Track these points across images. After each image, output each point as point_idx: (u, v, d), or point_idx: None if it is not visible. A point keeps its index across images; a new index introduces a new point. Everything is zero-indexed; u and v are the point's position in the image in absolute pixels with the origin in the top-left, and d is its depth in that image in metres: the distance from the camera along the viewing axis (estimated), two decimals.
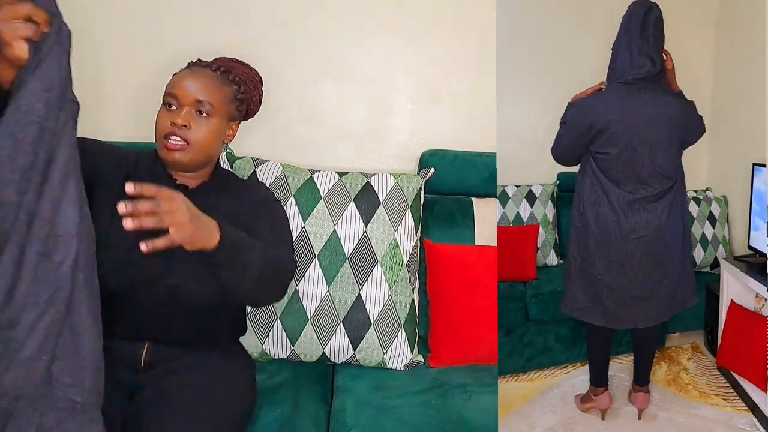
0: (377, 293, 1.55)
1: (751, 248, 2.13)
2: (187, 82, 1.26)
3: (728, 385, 1.96)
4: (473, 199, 1.81)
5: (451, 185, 1.82)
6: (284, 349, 1.53)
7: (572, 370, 2.06)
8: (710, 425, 1.78)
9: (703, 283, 2.24)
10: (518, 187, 2.30)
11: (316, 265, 1.54)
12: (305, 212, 1.57)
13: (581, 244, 1.63)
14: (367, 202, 1.60)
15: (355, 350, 1.53)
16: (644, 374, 1.79)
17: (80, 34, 1.85)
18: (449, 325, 1.61)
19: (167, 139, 1.23)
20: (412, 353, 1.58)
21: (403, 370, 1.56)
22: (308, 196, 1.58)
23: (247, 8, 1.82)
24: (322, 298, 1.53)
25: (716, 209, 2.46)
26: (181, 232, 0.98)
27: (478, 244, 1.74)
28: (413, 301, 1.60)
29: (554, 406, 1.86)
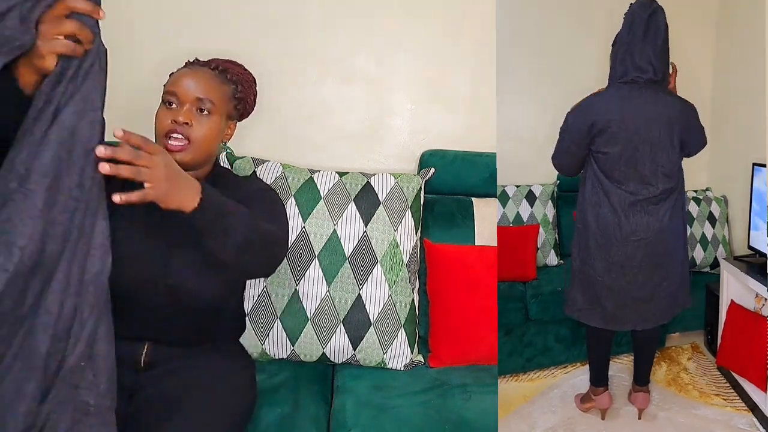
0: (377, 293, 1.55)
1: (751, 248, 2.13)
2: (187, 80, 1.26)
3: (728, 385, 1.96)
4: (473, 199, 1.81)
5: (451, 185, 1.82)
6: (284, 349, 1.53)
7: (572, 370, 2.06)
8: (710, 425, 1.78)
9: (703, 283, 2.25)
10: (518, 187, 2.30)
11: (316, 265, 1.54)
12: (305, 212, 1.57)
13: (581, 245, 1.64)
14: (367, 202, 1.60)
15: (355, 350, 1.53)
16: (644, 374, 1.79)
17: None
18: (449, 325, 1.61)
19: (168, 137, 1.23)
20: (412, 353, 1.58)
21: (403, 370, 1.56)
22: (308, 196, 1.58)
23: (246, 8, 1.81)
24: (322, 298, 1.53)
25: (716, 209, 2.46)
26: (155, 189, 0.97)
27: (478, 244, 1.74)
28: (413, 301, 1.60)
29: (554, 406, 1.86)
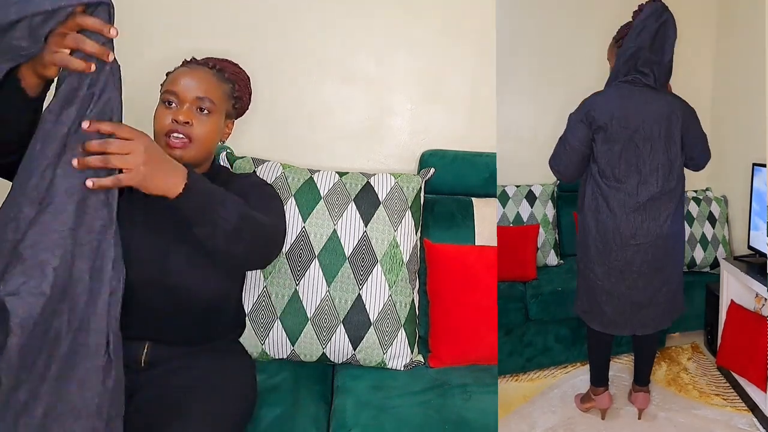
0: (377, 293, 1.55)
1: (751, 248, 2.13)
2: (186, 79, 1.26)
3: (728, 385, 1.96)
4: (473, 199, 1.81)
5: (451, 185, 1.82)
6: (284, 349, 1.53)
7: (572, 370, 2.06)
8: (710, 425, 1.77)
9: (703, 283, 2.25)
10: (518, 187, 2.30)
11: (316, 265, 1.54)
12: (305, 212, 1.57)
13: (582, 250, 1.64)
14: (367, 202, 1.60)
15: (355, 350, 1.53)
16: (644, 374, 1.79)
17: None
18: (449, 325, 1.61)
19: (169, 136, 1.23)
20: (412, 353, 1.58)
21: (403, 370, 1.56)
22: (308, 196, 1.58)
23: (246, 8, 1.82)
24: (322, 298, 1.52)
25: (716, 209, 2.46)
26: (131, 175, 0.95)
27: (478, 244, 1.74)
28: (413, 301, 1.60)
29: (554, 406, 1.86)
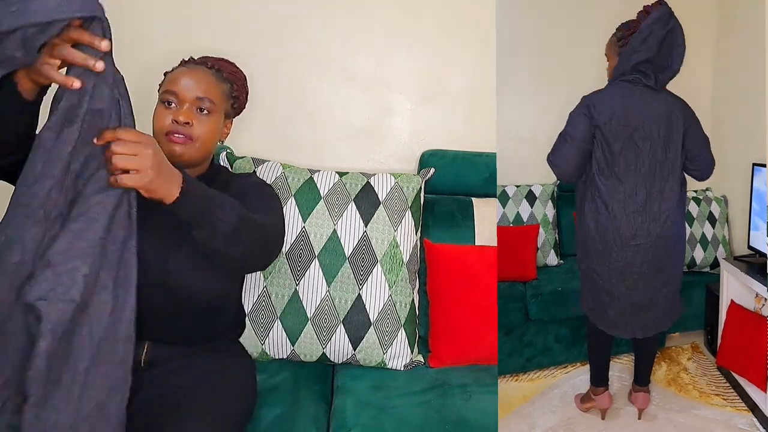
0: (377, 293, 1.55)
1: (751, 248, 2.13)
2: (185, 79, 1.26)
3: (728, 385, 1.96)
4: (473, 199, 1.81)
5: (451, 185, 1.82)
6: (284, 349, 1.53)
7: (572, 370, 2.06)
8: (710, 425, 1.77)
9: (703, 283, 2.24)
10: (518, 187, 2.30)
11: (316, 265, 1.54)
12: (305, 212, 1.57)
13: (583, 250, 1.64)
14: (367, 202, 1.60)
15: (355, 350, 1.53)
16: (644, 374, 1.79)
17: None
18: (449, 325, 1.61)
19: (169, 136, 1.23)
20: (412, 353, 1.58)
21: (403, 370, 1.56)
22: (308, 196, 1.58)
23: (246, 8, 1.82)
24: (322, 298, 1.52)
25: (716, 209, 2.46)
26: (139, 176, 0.93)
27: (478, 244, 1.74)
28: (413, 301, 1.60)
29: (554, 406, 1.86)
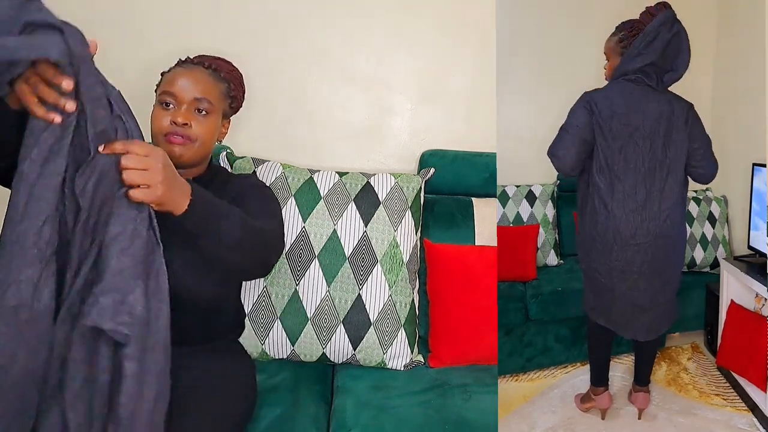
0: (377, 293, 1.55)
1: (751, 248, 2.13)
2: (183, 80, 1.25)
3: (728, 385, 1.96)
4: (473, 199, 1.81)
5: (451, 185, 1.82)
6: (284, 349, 1.53)
7: (572, 370, 2.06)
8: (710, 425, 1.77)
9: (703, 283, 2.24)
10: (518, 187, 2.30)
11: (316, 265, 1.54)
12: (305, 212, 1.57)
13: (584, 249, 1.64)
14: (367, 202, 1.60)
15: (355, 350, 1.53)
16: (645, 374, 1.79)
17: None
18: (449, 325, 1.61)
19: (167, 137, 1.23)
20: (412, 353, 1.58)
21: (403, 370, 1.56)
22: (308, 196, 1.58)
23: (246, 8, 1.82)
24: (322, 298, 1.52)
25: (716, 209, 2.46)
26: (149, 191, 0.91)
27: (478, 244, 1.74)
28: (413, 301, 1.60)
29: (554, 406, 1.86)
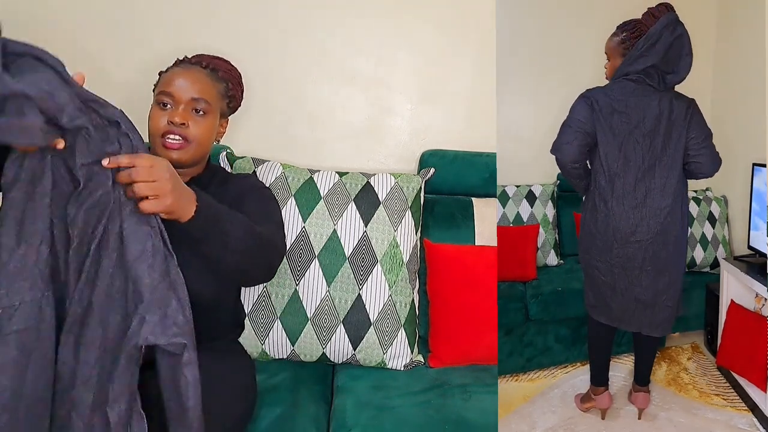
0: (377, 293, 1.55)
1: (751, 248, 2.13)
2: (180, 80, 1.25)
3: (728, 385, 1.96)
4: (473, 199, 1.81)
5: (451, 185, 1.82)
6: (284, 349, 1.53)
7: (572, 370, 2.06)
8: (710, 425, 1.77)
9: (703, 283, 2.24)
10: (518, 187, 2.30)
11: (316, 265, 1.54)
12: (305, 212, 1.57)
13: (585, 247, 1.64)
14: (367, 202, 1.60)
15: (355, 350, 1.53)
16: (645, 374, 1.79)
17: (67, 34, 1.85)
18: (449, 325, 1.61)
19: (165, 138, 1.23)
20: (412, 353, 1.58)
21: (403, 370, 1.56)
22: (308, 196, 1.58)
23: (246, 8, 1.81)
24: (322, 298, 1.52)
25: (716, 209, 2.46)
26: (158, 201, 0.92)
27: (478, 244, 1.74)
28: (413, 301, 1.60)
29: (554, 406, 1.86)
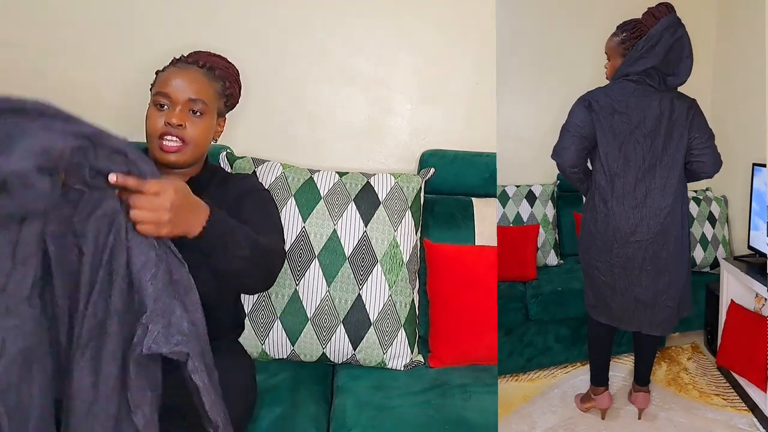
0: (377, 293, 1.55)
1: (751, 248, 2.13)
2: (177, 81, 1.25)
3: (728, 385, 1.96)
4: (473, 199, 1.81)
5: (451, 185, 1.82)
6: (284, 349, 1.53)
7: (572, 370, 2.06)
8: (710, 425, 1.78)
9: (703, 283, 2.24)
10: (518, 187, 2.30)
11: (316, 265, 1.54)
12: (305, 212, 1.57)
13: (585, 247, 1.64)
14: (367, 202, 1.60)
15: (355, 350, 1.53)
16: (645, 374, 1.79)
17: (67, 34, 1.85)
18: (449, 325, 1.61)
19: (162, 139, 1.23)
20: (412, 353, 1.58)
21: (403, 370, 1.56)
22: (308, 196, 1.58)
23: (246, 8, 1.81)
24: (322, 298, 1.52)
25: (716, 209, 2.46)
26: (155, 227, 0.92)
27: (478, 244, 1.74)
28: (413, 301, 1.60)
29: (554, 406, 1.86)
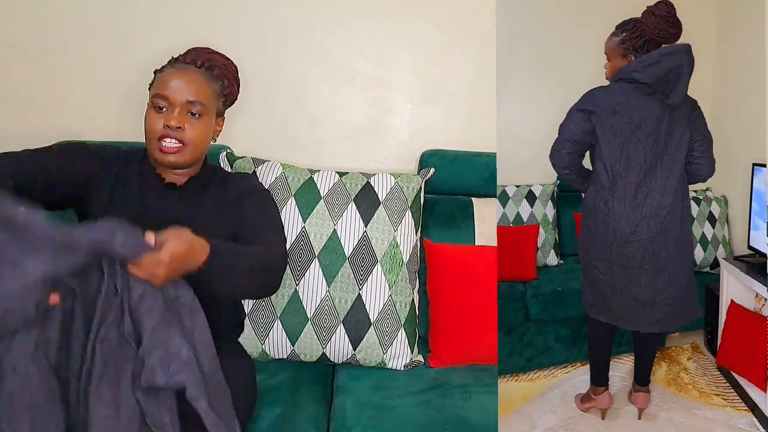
0: (377, 293, 1.55)
1: (751, 248, 2.13)
2: (175, 82, 1.25)
3: (728, 385, 1.96)
4: (473, 199, 1.81)
5: (451, 185, 1.82)
6: (284, 349, 1.53)
7: (572, 370, 2.06)
8: (710, 425, 1.78)
9: (703, 283, 2.24)
10: (518, 187, 2.30)
11: (316, 265, 1.54)
12: (305, 212, 1.57)
13: (585, 246, 1.64)
14: (367, 202, 1.60)
15: (355, 350, 1.53)
16: (645, 374, 1.79)
17: (67, 34, 1.84)
18: (449, 325, 1.61)
19: (161, 141, 1.23)
20: (412, 353, 1.58)
21: (403, 370, 1.56)
22: (308, 196, 1.58)
23: (246, 8, 1.81)
24: (322, 298, 1.53)
25: (716, 209, 2.46)
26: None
27: (478, 244, 1.74)
28: (413, 301, 1.60)
29: (554, 406, 1.86)
